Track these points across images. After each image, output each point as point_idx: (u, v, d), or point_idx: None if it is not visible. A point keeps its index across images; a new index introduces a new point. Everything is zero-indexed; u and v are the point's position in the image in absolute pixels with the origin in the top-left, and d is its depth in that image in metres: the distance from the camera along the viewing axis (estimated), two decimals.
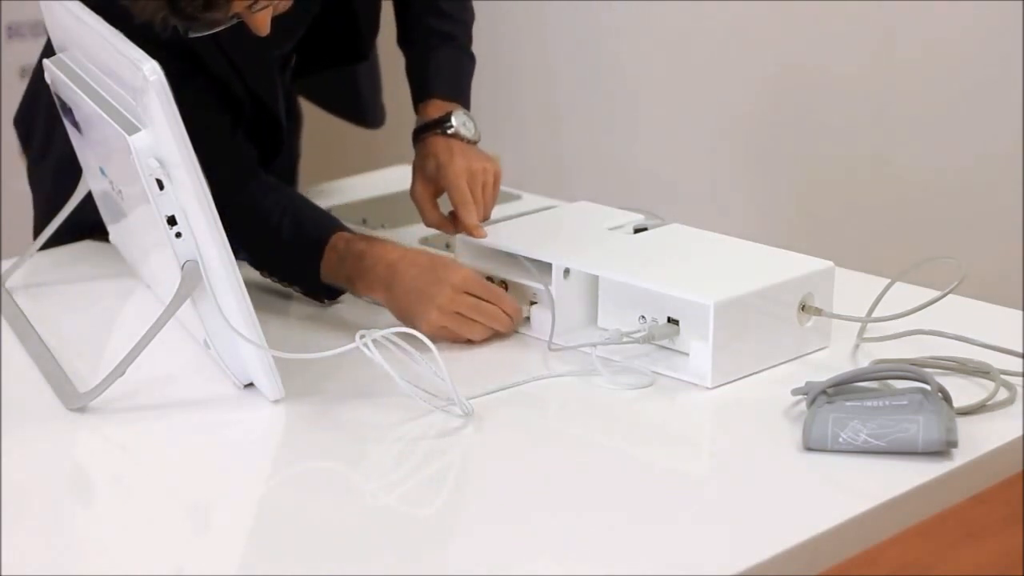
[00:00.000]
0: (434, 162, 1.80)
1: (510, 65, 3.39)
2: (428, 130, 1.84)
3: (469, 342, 1.64)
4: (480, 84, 1.91)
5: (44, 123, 1.97)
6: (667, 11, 3.22)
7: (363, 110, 2.18)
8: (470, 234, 1.73)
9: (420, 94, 1.90)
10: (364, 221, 2.01)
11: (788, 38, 3.07)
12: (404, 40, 1.96)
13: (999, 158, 2.82)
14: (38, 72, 2.00)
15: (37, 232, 1.91)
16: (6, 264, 1.83)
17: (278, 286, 1.77)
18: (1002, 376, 1.51)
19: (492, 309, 1.65)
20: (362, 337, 1.46)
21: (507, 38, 3.38)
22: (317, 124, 2.31)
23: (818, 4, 2.99)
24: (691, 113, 3.26)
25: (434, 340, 1.51)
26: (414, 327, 1.58)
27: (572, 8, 3.34)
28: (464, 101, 1.90)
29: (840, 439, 1.37)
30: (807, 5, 3.01)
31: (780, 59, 3.08)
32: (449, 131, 1.82)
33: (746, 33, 3.12)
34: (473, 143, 1.84)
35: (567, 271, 1.63)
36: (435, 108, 1.87)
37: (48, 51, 1.83)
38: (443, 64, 1.91)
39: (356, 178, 2.25)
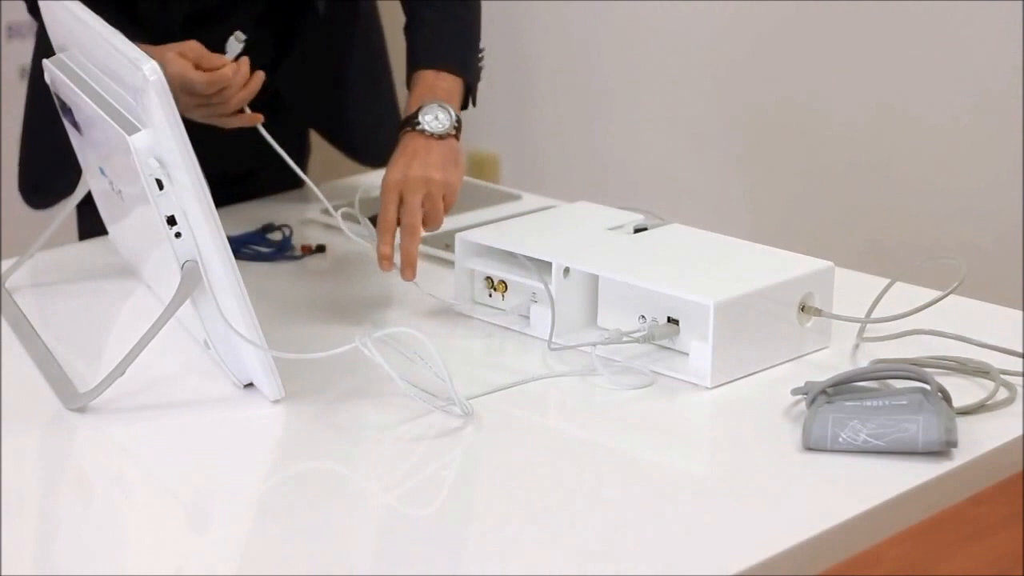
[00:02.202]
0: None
1: (511, 65, 3.39)
2: (403, 125, 1.75)
3: None
4: (482, 84, 1.89)
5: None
6: (667, 11, 3.22)
7: (352, 141, 2.12)
8: (380, 265, 1.65)
9: (408, 65, 1.81)
10: (364, 221, 2.00)
11: (788, 39, 3.07)
12: None
13: (999, 158, 2.82)
14: (35, 70, 2.01)
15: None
16: (6, 264, 1.83)
17: (278, 288, 1.77)
18: (1002, 376, 1.50)
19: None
20: (362, 337, 1.46)
21: (508, 39, 3.38)
22: None
23: (817, 4, 2.99)
24: (691, 113, 3.26)
25: None
26: None
27: (573, 8, 3.34)
28: (453, 65, 1.78)
29: (840, 439, 1.37)
30: (806, 5, 3.01)
31: (780, 59, 3.08)
32: (417, 127, 1.72)
33: (747, 33, 3.12)
34: (444, 137, 1.71)
35: (567, 270, 1.63)
36: (418, 91, 1.77)
37: (39, 47, 1.84)
38: (428, 22, 1.83)
39: (357, 178, 2.25)
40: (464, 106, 1.81)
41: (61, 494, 1.37)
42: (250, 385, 1.51)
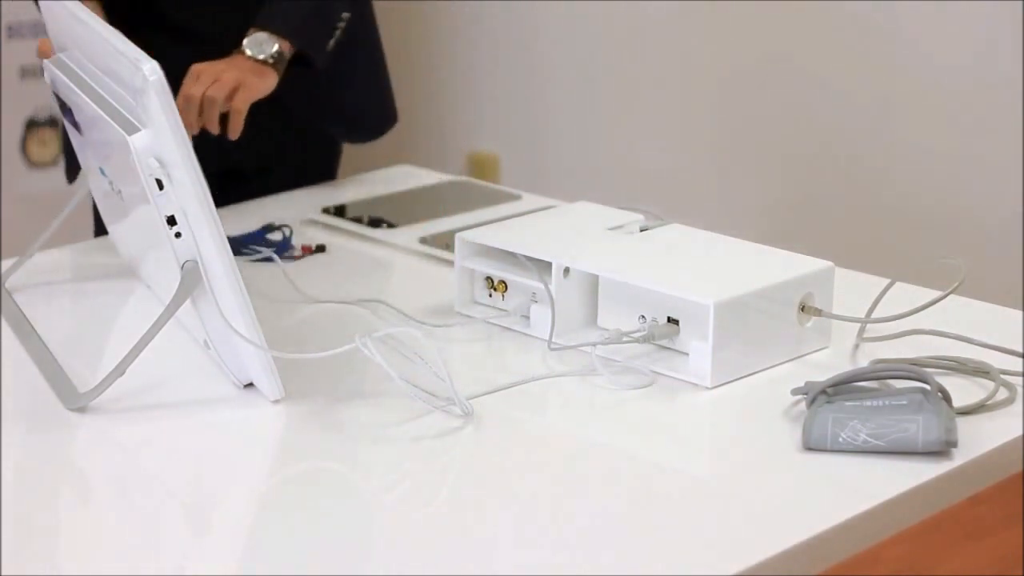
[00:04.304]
0: None
1: (512, 66, 3.39)
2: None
3: None
4: (483, 84, 1.89)
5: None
6: (667, 11, 3.22)
7: (341, 116, 2.17)
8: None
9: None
10: (365, 220, 2.01)
11: (788, 39, 3.07)
12: None
13: (999, 158, 2.82)
14: None
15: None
16: (6, 264, 1.83)
17: (278, 288, 1.77)
18: (1002, 376, 1.51)
19: None
20: (362, 337, 1.46)
21: (509, 39, 3.38)
22: None
23: (818, 5, 2.99)
24: (691, 113, 3.26)
25: None
26: None
27: (573, 9, 3.34)
28: (295, 34, 1.95)
29: (840, 439, 1.37)
30: (807, 6, 3.01)
31: (780, 59, 3.08)
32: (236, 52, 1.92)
33: (747, 34, 3.12)
34: (267, 63, 1.92)
35: (567, 270, 1.63)
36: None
37: None
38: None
39: (356, 177, 2.25)
40: (308, 65, 1.98)
41: (61, 494, 1.37)
42: (250, 385, 1.51)
